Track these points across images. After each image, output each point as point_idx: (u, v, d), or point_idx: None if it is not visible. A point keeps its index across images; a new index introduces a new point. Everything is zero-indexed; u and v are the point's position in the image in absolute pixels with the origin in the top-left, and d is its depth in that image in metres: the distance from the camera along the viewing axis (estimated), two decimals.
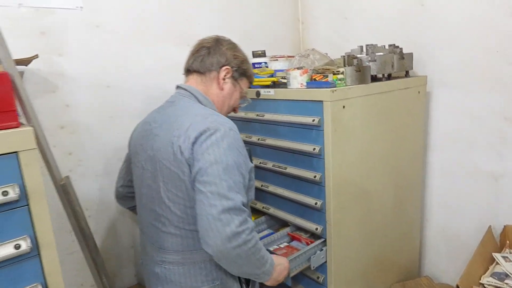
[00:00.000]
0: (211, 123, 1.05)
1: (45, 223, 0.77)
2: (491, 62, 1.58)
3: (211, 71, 1.22)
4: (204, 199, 0.96)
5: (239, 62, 1.25)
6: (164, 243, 1.13)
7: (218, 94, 1.24)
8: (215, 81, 1.23)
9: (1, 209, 0.73)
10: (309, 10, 2.31)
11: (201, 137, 1.02)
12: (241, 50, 1.29)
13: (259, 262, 1.04)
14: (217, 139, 1.02)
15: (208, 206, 0.95)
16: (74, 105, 1.59)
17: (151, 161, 1.14)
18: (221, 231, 0.93)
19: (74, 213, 1.19)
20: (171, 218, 1.10)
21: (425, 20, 1.76)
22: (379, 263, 1.67)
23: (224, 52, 1.23)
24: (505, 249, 1.58)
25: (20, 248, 0.73)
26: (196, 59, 1.23)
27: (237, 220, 0.95)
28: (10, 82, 0.73)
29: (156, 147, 1.12)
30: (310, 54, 1.45)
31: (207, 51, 1.22)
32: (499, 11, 1.52)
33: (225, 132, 1.04)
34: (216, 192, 0.96)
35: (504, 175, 1.63)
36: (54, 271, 0.80)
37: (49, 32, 1.50)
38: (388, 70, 1.56)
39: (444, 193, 1.86)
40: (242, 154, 1.07)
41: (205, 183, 0.98)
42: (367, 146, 1.48)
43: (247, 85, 1.33)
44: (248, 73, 1.30)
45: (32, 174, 0.75)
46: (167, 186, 1.08)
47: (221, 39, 1.27)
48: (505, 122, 1.59)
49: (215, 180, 0.97)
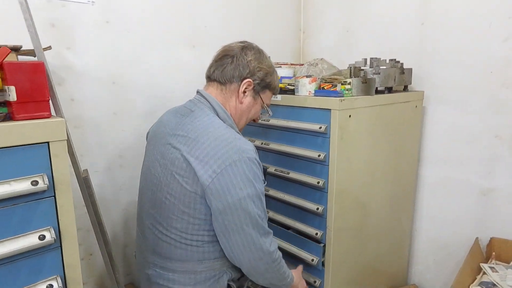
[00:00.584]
0: (235, 153, 1.03)
1: (69, 215, 0.77)
2: (485, 83, 1.67)
3: (232, 83, 1.17)
4: (241, 231, 1.04)
5: (263, 75, 1.19)
6: (158, 248, 1.14)
7: (237, 107, 1.20)
8: (235, 94, 1.18)
9: (29, 198, 0.73)
10: (311, 20, 2.37)
11: (227, 169, 1.01)
12: (267, 60, 1.22)
13: (282, 276, 1.17)
14: (244, 171, 1.03)
15: (244, 235, 1.04)
16: (79, 100, 1.57)
17: (161, 169, 1.12)
18: (259, 253, 1.07)
19: (93, 207, 1.19)
20: (170, 229, 1.10)
21: (424, 38, 1.84)
22: (371, 270, 1.72)
23: (248, 63, 1.16)
24: (491, 260, 1.66)
25: (45, 239, 0.73)
26: (218, 67, 1.18)
27: (267, 243, 1.08)
28: (45, 72, 0.73)
29: (170, 158, 1.09)
30: (319, 63, 1.50)
31: (230, 60, 1.17)
32: (494, 36, 1.62)
33: (249, 162, 1.04)
34: (251, 223, 1.04)
35: (493, 190, 1.71)
36: (73, 263, 0.80)
37: (59, 25, 1.48)
38: (390, 83, 1.62)
39: (434, 205, 1.93)
40: (262, 178, 1.12)
41: (240, 216, 1.03)
42: (369, 155, 1.53)
43: (270, 97, 1.29)
44: (272, 85, 1.24)
45: (60, 165, 0.75)
46: (173, 200, 1.08)
47: (247, 47, 1.20)
48: (495, 140, 1.68)
49: (250, 214, 1.04)
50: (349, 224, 1.51)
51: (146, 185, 1.20)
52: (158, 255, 1.14)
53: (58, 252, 0.78)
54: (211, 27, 1.94)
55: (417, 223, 2.01)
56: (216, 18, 1.95)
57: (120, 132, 1.70)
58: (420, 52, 1.86)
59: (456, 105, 1.77)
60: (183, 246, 1.10)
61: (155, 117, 1.75)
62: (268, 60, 1.23)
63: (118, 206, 1.76)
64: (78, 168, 1.08)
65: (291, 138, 1.55)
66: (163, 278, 1.13)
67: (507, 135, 1.64)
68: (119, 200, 1.75)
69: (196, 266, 1.11)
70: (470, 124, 1.74)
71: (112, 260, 1.25)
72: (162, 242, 1.12)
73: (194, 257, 1.10)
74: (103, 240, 1.22)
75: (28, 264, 0.75)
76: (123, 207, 1.77)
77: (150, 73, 1.75)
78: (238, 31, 2.06)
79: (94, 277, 1.72)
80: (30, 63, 0.72)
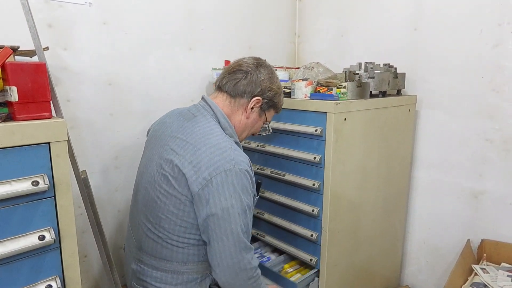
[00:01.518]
0: (227, 162, 1.05)
1: (69, 215, 0.78)
2: (476, 88, 1.71)
3: (242, 98, 1.20)
4: (219, 240, 1.04)
5: (272, 95, 1.23)
6: (144, 245, 1.17)
7: (242, 121, 1.23)
8: (242, 108, 1.22)
9: (30, 199, 0.73)
10: (306, 25, 2.40)
11: (217, 177, 1.03)
12: (277, 81, 1.27)
13: None
14: (233, 182, 1.04)
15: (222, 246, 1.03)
16: (75, 100, 1.57)
17: (157, 168, 1.14)
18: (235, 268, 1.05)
19: (92, 208, 1.18)
20: (158, 227, 1.13)
21: (418, 44, 1.88)
22: (364, 272, 1.74)
23: (261, 82, 1.20)
24: (482, 262, 1.70)
25: (45, 240, 0.73)
26: (230, 80, 1.20)
27: (246, 259, 1.06)
28: (47, 73, 0.74)
29: (166, 159, 1.12)
30: (315, 67, 1.52)
31: (244, 75, 1.19)
32: (485, 42, 1.66)
33: (240, 174, 1.05)
34: (231, 235, 1.03)
35: (484, 192, 1.75)
36: (72, 264, 0.80)
37: (56, 26, 1.48)
38: (384, 87, 1.65)
39: (426, 207, 1.96)
40: (252, 192, 1.13)
41: (221, 227, 1.03)
42: (363, 157, 1.56)
43: (273, 115, 1.34)
44: (277, 105, 1.30)
45: (61, 166, 0.75)
46: (164, 199, 1.10)
47: (261, 65, 1.23)
48: (486, 143, 1.72)
49: (231, 225, 1.03)
50: (343, 226, 1.53)
51: (141, 183, 1.22)
52: (144, 251, 1.17)
53: (58, 252, 0.78)
54: (208, 30, 1.95)
55: (410, 225, 2.04)
56: (213, 21, 1.97)
57: (116, 133, 1.70)
58: (413, 57, 1.90)
59: (447, 109, 1.81)
60: (169, 246, 1.12)
61: (151, 119, 1.76)
62: (278, 81, 1.28)
63: (113, 207, 1.75)
64: (77, 169, 1.08)
65: (287, 140, 1.56)
66: (146, 275, 1.15)
67: (497, 139, 1.68)
68: (114, 201, 1.75)
69: (180, 266, 1.13)
70: (461, 127, 1.78)
71: (111, 261, 1.25)
72: (149, 240, 1.14)
73: (179, 258, 1.13)
74: (102, 241, 1.22)
75: (28, 264, 0.75)
76: (118, 208, 1.76)
77: (146, 74, 1.76)
78: (234, 34, 2.08)
79: (89, 279, 1.71)
80: (32, 64, 0.73)
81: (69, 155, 0.86)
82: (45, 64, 0.73)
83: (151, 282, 1.14)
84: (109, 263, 1.24)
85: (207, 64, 1.97)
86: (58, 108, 0.89)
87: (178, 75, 1.88)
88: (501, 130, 1.67)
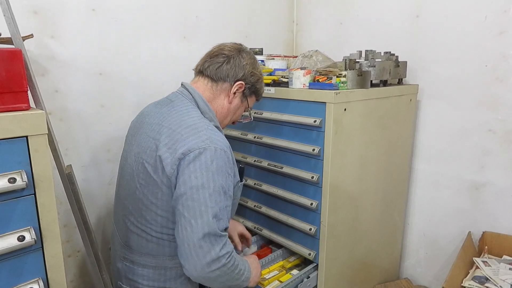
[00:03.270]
0: (202, 141, 1.00)
1: (51, 214, 0.72)
2: (479, 77, 1.65)
3: (225, 82, 1.17)
4: (187, 225, 0.95)
5: (255, 80, 1.21)
6: (129, 241, 1.13)
7: (224, 106, 1.20)
8: (224, 93, 1.19)
9: (7, 197, 0.68)
10: (304, 13, 2.33)
11: (190, 155, 0.97)
12: (259, 67, 1.25)
13: (238, 275, 1.06)
14: (206, 160, 0.97)
15: (191, 232, 0.94)
16: (64, 91, 1.51)
17: (135, 158, 1.11)
18: (201, 258, 0.94)
19: (78, 204, 1.13)
20: (140, 220, 1.09)
21: (419, 31, 1.81)
22: (364, 265, 1.71)
23: (244, 66, 1.18)
24: (483, 254, 1.67)
25: (24, 240, 0.68)
26: (212, 64, 1.17)
27: (217, 247, 0.96)
28: (23, 60, 0.68)
29: (143, 147, 1.08)
30: (313, 55, 1.46)
31: (226, 59, 1.17)
32: (489, 29, 1.60)
33: (215, 153, 0.99)
34: (200, 218, 0.94)
35: (485, 184, 1.71)
36: (56, 265, 0.75)
37: (42, 12, 1.41)
38: (385, 76, 1.60)
39: (426, 199, 1.93)
40: (231, 174, 1.05)
41: (189, 208, 0.95)
42: (363, 149, 1.51)
43: (253, 102, 1.31)
44: (259, 92, 1.27)
45: (41, 161, 0.70)
46: (142, 189, 1.06)
47: (243, 50, 1.21)
48: (488, 134, 1.67)
49: (201, 207, 0.95)
50: (342, 219, 1.49)
51: (122, 175, 1.19)
52: (128, 248, 1.13)
53: (40, 253, 0.73)
54: (202, 18, 1.88)
55: (409, 217, 2.00)
56: (208, 8, 1.89)
57: (107, 125, 1.65)
58: (415, 45, 1.84)
59: (449, 99, 1.76)
60: (154, 240, 1.08)
61: None
62: (260, 67, 1.26)
63: (106, 201, 1.71)
64: (61, 163, 1.02)
65: (285, 132, 1.51)
66: (133, 273, 1.11)
67: (500, 130, 1.63)
68: (107, 195, 1.70)
69: (167, 262, 1.09)
70: (464, 118, 1.73)
71: (99, 259, 1.20)
72: (133, 234, 1.10)
73: (165, 252, 1.08)
74: (89, 239, 1.17)
75: (7, 266, 0.70)
76: (111, 202, 1.71)
77: (138, 64, 1.69)
78: (230, 22, 2.01)
79: (82, 274, 1.67)
80: (5, 50, 0.66)
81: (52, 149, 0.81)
82: (21, 51, 0.67)
83: (137, 280, 1.10)
84: (97, 262, 1.19)
85: (202, 53, 1.89)
86: (37, 99, 0.83)
87: (172, 65, 1.81)
88: (504, 121, 1.62)
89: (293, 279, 1.44)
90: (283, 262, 1.62)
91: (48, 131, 0.69)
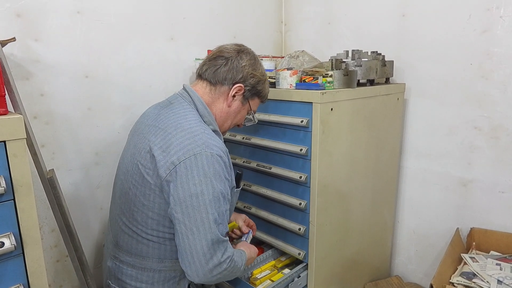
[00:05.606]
0: (198, 146, 0.99)
1: (31, 219, 0.72)
2: (465, 75, 1.67)
3: (223, 85, 1.15)
4: (189, 233, 0.95)
5: (255, 82, 1.18)
6: (120, 240, 1.13)
7: (223, 109, 1.18)
8: (223, 96, 1.17)
9: None
10: (292, 13, 2.33)
11: (185, 161, 0.96)
12: (260, 68, 1.21)
13: (239, 271, 1.09)
14: (203, 166, 0.97)
15: (193, 240, 0.95)
16: (50, 94, 1.49)
17: (131, 158, 1.11)
18: (203, 265, 0.95)
19: (60, 209, 1.12)
20: (132, 221, 1.09)
21: (406, 31, 1.83)
22: (354, 263, 1.72)
23: (242, 68, 1.15)
24: (471, 250, 1.69)
25: (4, 246, 0.67)
26: (210, 67, 1.15)
27: (219, 253, 0.97)
28: None
29: (139, 148, 1.08)
30: (300, 56, 1.46)
31: (225, 62, 1.14)
32: (473, 27, 1.62)
33: (212, 158, 0.98)
34: (202, 226, 0.95)
35: (472, 181, 1.73)
36: (38, 271, 0.74)
37: (26, 15, 1.39)
38: (372, 75, 1.61)
39: (415, 197, 1.94)
40: (228, 179, 1.05)
41: (190, 216, 0.95)
42: (351, 148, 1.51)
43: (258, 104, 1.28)
44: (262, 93, 1.24)
45: (20, 166, 0.69)
46: (135, 190, 1.06)
47: (243, 51, 1.18)
48: (474, 131, 1.69)
49: (202, 214, 0.95)
50: (332, 218, 1.50)
51: (118, 175, 1.19)
52: (119, 247, 1.13)
53: (21, 259, 0.72)
54: (190, 18, 1.87)
55: (399, 215, 2.02)
56: (195, 9, 1.89)
57: (95, 128, 1.63)
58: (401, 44, 1.85)
59: (436, 97, 1.78)
60: (144, 241, 1.07)
61: (131, 113, 1.70)
62: (262, 68, 1.22)
63: (95, 205, 1.69)
64: (41, 168, 1.01)
65: (273, 132, 1.51)
66: (122, 273, 1.11)
67: (486, 126, 1.65)
68: (95, 199, 1.69)
69: (156, 264, 1.08)
70: (450, 116, 1.75)
71: (83, 264, 1.19)
72: (124, 234, 1.10)
73: (155, 254, 1.08)
74: (72, 244, 1.16)
75: None
76: (100, 206, 1.70)
77: (125, 66, 1.68)
78: (218, 22, 2.01)
79: (71, 279, 1.65)
80: None
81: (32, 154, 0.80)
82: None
83: (126, 281, 1.10)
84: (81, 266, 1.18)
85: (190, 54, 1.90)
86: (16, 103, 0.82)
87: (160, 66, 1.80)
88: (490, 117, 1.64)
89: (284, 278, 1.44)
90: (275, 262, 1.62)
91: (27, 135, 0.68)
